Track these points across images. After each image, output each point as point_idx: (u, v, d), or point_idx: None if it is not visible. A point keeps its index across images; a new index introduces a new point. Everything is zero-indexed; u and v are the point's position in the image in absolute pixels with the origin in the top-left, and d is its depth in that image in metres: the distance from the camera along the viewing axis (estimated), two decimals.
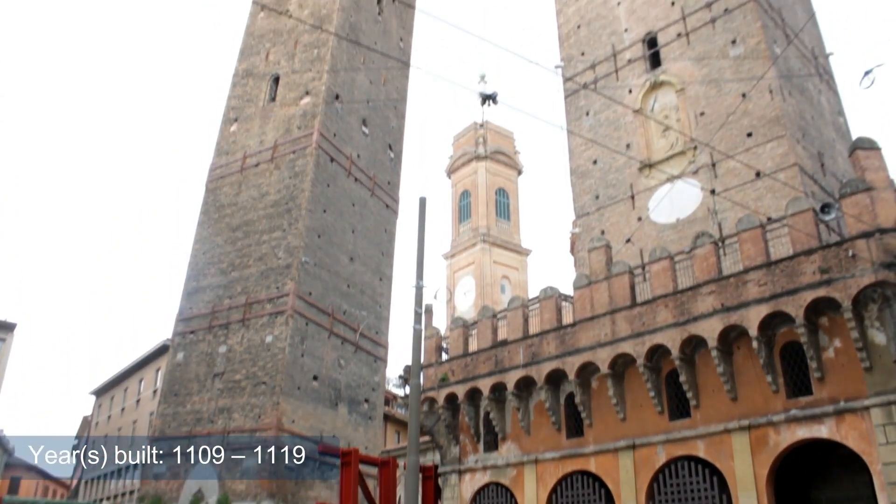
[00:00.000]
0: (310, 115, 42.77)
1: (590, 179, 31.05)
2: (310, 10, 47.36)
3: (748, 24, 28.22)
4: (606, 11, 34.20)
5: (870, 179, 17.55)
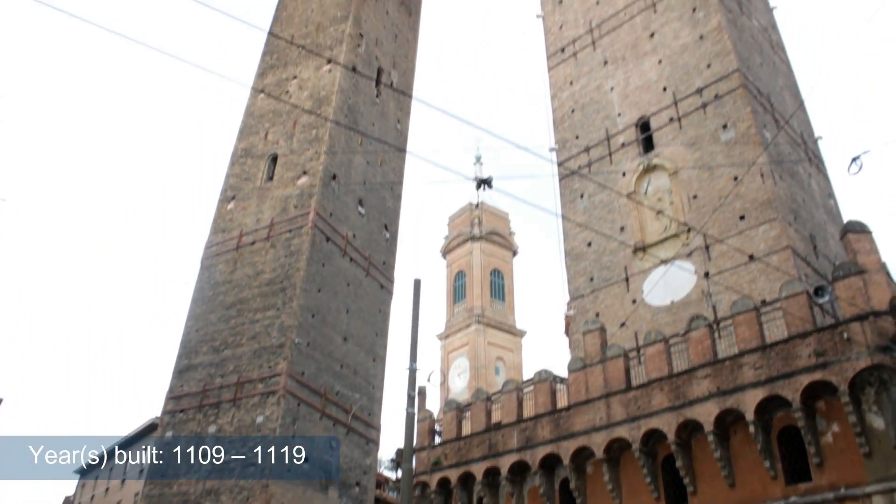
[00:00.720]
0: (307, 194, 43.09)
1: (584, 262, 31.14)
2: (309, 91, 48.21)
3: (738, 110, 28.78)
4: (600, 96, 34.89)
5: (862, 262, 17.64)
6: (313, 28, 52.40)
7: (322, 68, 48.66)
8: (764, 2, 39.67)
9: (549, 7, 40.70)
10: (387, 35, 55.30)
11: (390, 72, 54.27)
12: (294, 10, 55.21)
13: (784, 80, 35.41)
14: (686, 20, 33.17)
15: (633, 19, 35.63)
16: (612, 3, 37.26)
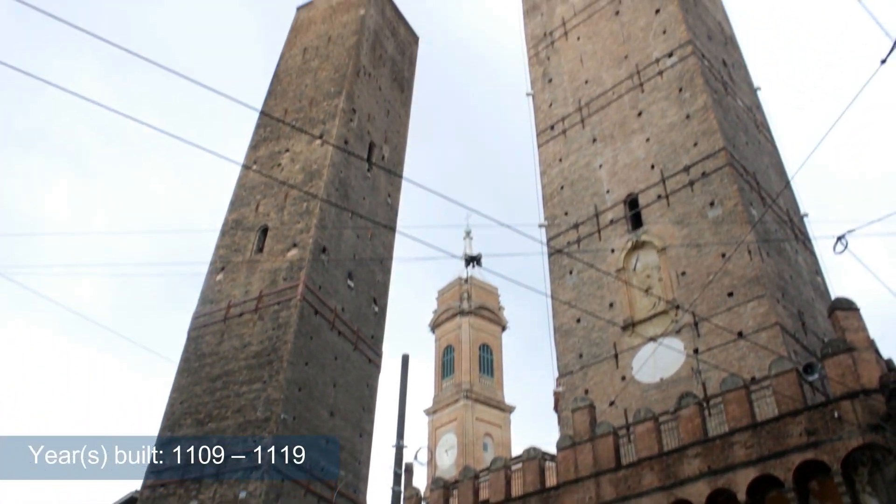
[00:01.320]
0: (296, 267, 43.08)
1: (573, 338, 31.04)
2: (301, 164, 48.65)
3: (725, 188, 29.15)
4: (589, 173, 35.32)
5: (850, 340, 17.63)
6: (307, 102, 53.16)
7: (314, 142, 49.20)
8: (748, 83, 40.58)
9: (539, 86, 41.52)
10: (379, 110, 56.15)
11: (382, 146, 54.93)
12: (288, 85, 56.09)
13: (769, 158, 35.98)
14: (673, 100, 33.84)
15: (620, 98, 36.34)
16: (601, 82, 38.06)
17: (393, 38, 62.70)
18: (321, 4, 62.53)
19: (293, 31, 62.07)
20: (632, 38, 38.07)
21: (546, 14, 44.76)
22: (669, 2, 37.37)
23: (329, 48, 56.78)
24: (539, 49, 43.36)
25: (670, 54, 35.47)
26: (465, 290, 76.22)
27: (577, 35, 41.42)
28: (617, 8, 40.13)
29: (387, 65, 59.88)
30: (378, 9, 61.18)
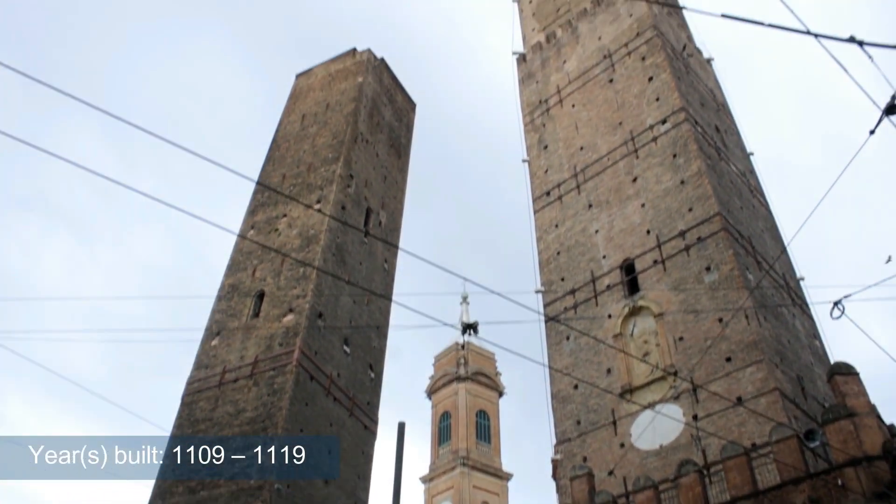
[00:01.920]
0: (292, 332, 42.84)
1: (571, 404, 30.73)
2: (298, 230, 48.81)
3: (721, 252, 29.23)
4: (585, 239, 35.44)
5: (851, 405, 17.47)
6: (305, 168, 53.57)
7: (312, 207, 49.40)
8: (741, 148, 41.06)
9: (535, 152, 41.95)
10: (376, 176, 56.59)
11: (379, 212, 55.20)
12: (287, 151, 56.61)
13: (764, 222, 36.19)
14: (667, 166, 34.16)
15: (616, 164, 36.68)
16: (596, 149, 38.46)
17: (390, 105, 63.57)
18: (320, 72, 63.56)
19: (292, 98, 62.94)
20: (626, 106, 38.62)
21: (541, 82, 45.49)
22: (662, 70, 38.04)
23: (327, 115, 57.50)
24: (535, 116, 43.94)
25: (664, 121, 35.94)
26: (462, 355, 75.80)
27: (573, 102, 42.03)
28: (611, 76, 40.81)
29: (384, 131, 60.59)
30: (376, 77, 62.16)
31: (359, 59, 62.10)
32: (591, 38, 44.21)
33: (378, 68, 63.19)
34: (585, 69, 42.88)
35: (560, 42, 46.55)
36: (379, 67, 63.41)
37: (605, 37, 43.34)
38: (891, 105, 10.16)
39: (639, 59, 39.91)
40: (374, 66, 62.46)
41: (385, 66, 64.67)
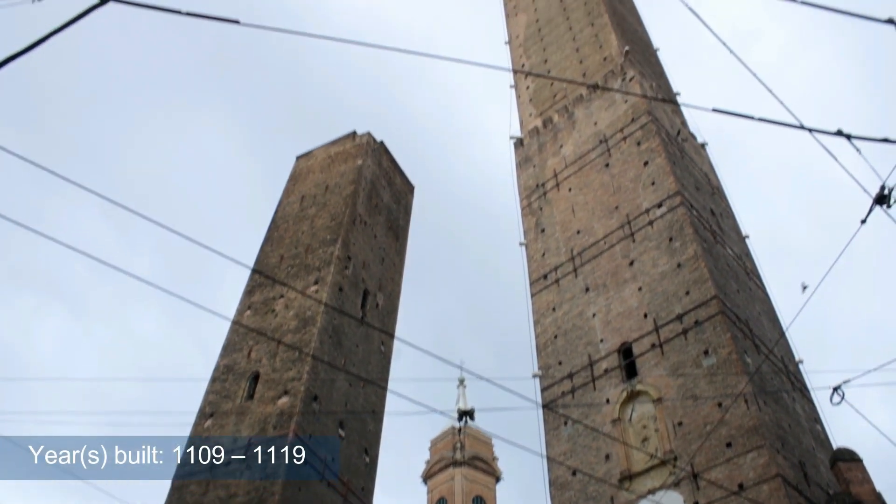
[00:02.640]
0: (286, 415, 42.31)
1: (569, 491, 30.16)
2: (295, 311, 48.71)
3: (718, 336, 29.13)
4: (582, 322, 35.37)
5: (856, 493, 17.20)
6: (303, 249, 53.78)
7: (309, 289, 49.43)
8: (737, 231, 41.34)
9: (532, 235, 42.22)
10: (374, 258, 56.80)
11: (376, 294, 55.20)
12: (285, 232, 56.94)
13: (761, 305, 36.17)
14: (664, 249, 34.34)
15: (612, 248, 36.88)
16: (593, 232, 38.73)
17: (389, 188, 64.25)
18: (320, 154, 64.44)
19: (292, 179, 63.65)
20: (622, 190, 39.06)
21: (538, 166, 46.11)
22: (657, 154, 38.61)
23: (326, 196, 58.05)
24: (532, 200, 44.39)
25: (660, 205, 36.29)
26: (459, 440, 74.79)
27: (569, 186, 42.51)
28: (607, 160, 41.39)
29: (382, 213, 61.07)
30: (375, 159, 62.99)
31: (359, 141, 63.06)
32: (588, 124, 45.01)
33: (377, 151, 64.10)
34: (582, 154, 43.52)
35: (557, 127, 47.37)
36: (378, 150, 64.33)
37: (600, 122, 44.13)
38: (880, 195, 10.30)
39: (634, 143, 40.56)
40: (374, 149, 63.37)
41: (384, 149, 65.62)
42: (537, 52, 56.78)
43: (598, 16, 53.30)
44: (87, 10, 8.36)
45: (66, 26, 8.71)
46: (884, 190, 10.28)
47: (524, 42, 59.36)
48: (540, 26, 58.89)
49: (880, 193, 10.31)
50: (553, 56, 54.64)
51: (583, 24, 54.18)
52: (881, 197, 10.32)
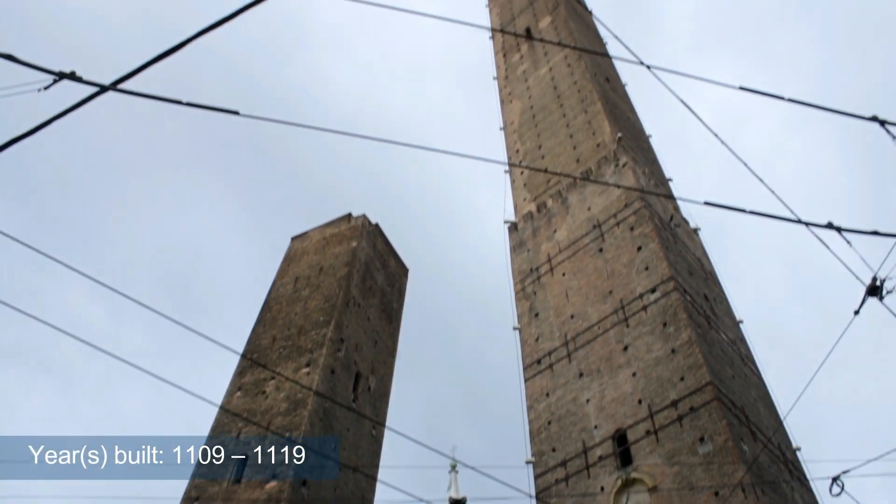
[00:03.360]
0: (275, 500, 41.41)
1: None
2: (286, 392, 48.12)
3: (714, 423, 28.79)
4: (576, 408, 34.99)
5: None
6: (296, 331, 53.52)
7: (301, 371, 49.03)
8: (731, 316, 41.30)
9: (526, 320, 42.13)
10: (367, 340, 56.48)
11: (368, 377, 54.71)
12: (278, 313, 56.74)
13: (756, 391, 35.88)
14: (658, 334, 34.23)
15: (606, 333, 36.76)
16: (586, 317, 38.66)
17: (383, 270, 64.36)
18: (315, 236, 64.74)
19: (286, 261, 63.78)
20: (615, 275, 39.16)
21: (532, 250, 46.33)
22: (650, 240, 38.84)
23: (320, 278, 58.07)
24: (526, 284, 44.45)
25: (653, 290, 36.33)
26: None
27: (563, 271, 42.63)
28: (600, 245, 41.62)
29: (376, 296, 61.01)
30: (370, 241, 63.27)
31: (354, 223, 63.45)
32: (581, 209, 45.43)
33: (372, 233, 64.44)
34: (576, 238, 43.79)
35: (551, 212, 47.78)
36: (373, 232, 64.69)
37: (594, 207, 44.54)
38: (873, 286, 10.34)
39: (627, 229, 40.85)
40: (369, 232, 63.72)
41: (379, 232, 65.99)
42: (532, 138, 57.72)
43: (591, 103, 54.37)
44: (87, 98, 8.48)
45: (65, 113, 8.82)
46: (875, 281, 10.32)
47: (519, 128, 60.39)
48: (534, 113, 60.02)
49: (872, 285, 10.35)
50: (547, 142, 55.53)
51: (576, 110, 55.23)
52: (873, 288, 10.36)
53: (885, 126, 9.42)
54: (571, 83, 58.31)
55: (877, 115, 9.56)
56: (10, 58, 8.09)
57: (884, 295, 10.25)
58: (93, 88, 8.63)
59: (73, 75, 8.31)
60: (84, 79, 8.34)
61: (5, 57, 8.06)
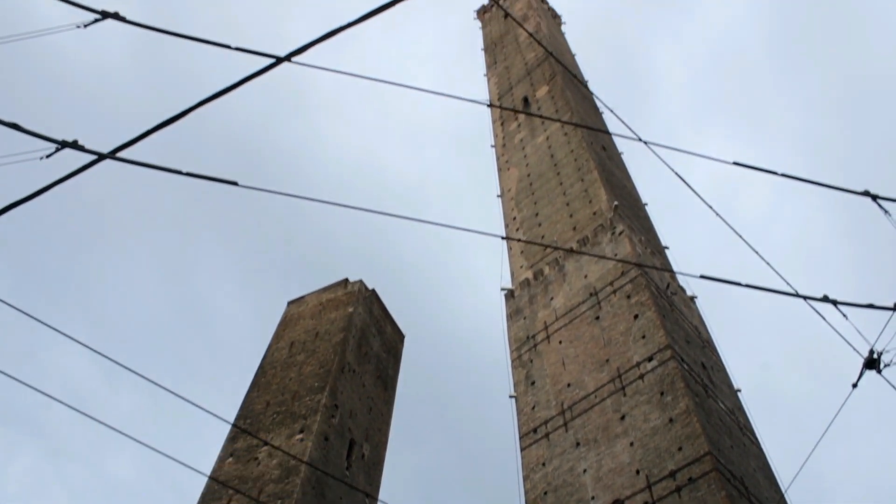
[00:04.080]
0: None
1: None
2: (278, 459, 47.54)
3: (713, 494, 28.36)
4: (573, 479, 34.49)
5: None
6: (290, 396, 53.15)
7: (294, 437, 48.51)
8: (728, 385, 41.03)
9: (522, 388, 41.81)
10: (362, 407, 56.00)
11: (363, 444, 54.06)
12: (273, 378, 56.41)
13: (756, 461, 35.43)
14: (655, 403, 33.94)
15: (603, 402, 36.45)
16: (583, 385, 38.38)
17: (379, 336, 64.13)
18: (311, 300, 64.70)
19: (282, 325, 63.63)
20: (612, 343, 39.01)
21: (528, 318, 46.23)
22: (647, 308, 38.80)
23: (316, 343, 57.87)
24: (522, 352, 44.24)
25: (650, 358, 36.16)
26: None
27: (560, 339, 42.47)
28: (597, 313, 41.56)
29: (372, 362, 60.69)
30: (366, 307, 63.20)
31: (350, 289, 63.48)
32: (578, 277, 45.49)
33: (369, 299, 64.40)
34: (572, 306, 43.74)
35: (547, 279, 47.82)
36: (370, 298, 64.65)
37: (591, 275, 44.60)
38: (870, 360, 10.32)
39: (624, 297, 40.85)
40: (366, 297, 63.69)
41: (376, 298, 65.95)
42: (529, 206, 58.12)
43: (587, 171, 54.90)
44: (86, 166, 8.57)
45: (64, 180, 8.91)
46: (873, 354, 10.31)
47: (516, 195, 60.86)
48: (531, 180, 60.56)
49: (870, 358, 10.33)
50: (544, 209, 55.90)
51: (573, 178, 55.74)
52: (871, 361, 10.34)
53: (878, 200, 9.54)
54: (568, 151, 59.00)
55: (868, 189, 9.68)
56: (16, 127, 8.21)
57: (881, 368, 10.24)
58: (93, 156, 8.74)
59: (75, 144, 8.42)
60: (85, 148, 8.44)
61: (11, 126, 8.18)
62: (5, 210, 9.19)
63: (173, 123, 9.16)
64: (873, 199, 9.56)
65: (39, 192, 9.06)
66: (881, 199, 9.50)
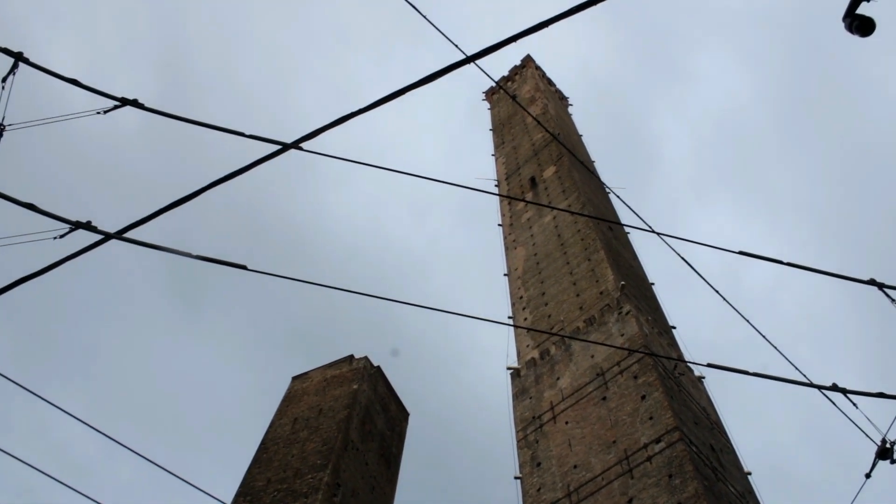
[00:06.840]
0: None
1: None
2: None
3: None
4: None
5: None
6: (291, 473, 52.43)
7: None
8: (738, 467, 40.30)
9: (528, 469, 41.16)
10: (364, 486, 55.11)
11: None
12: (275, 454, 55.70)
13: None
14: (663, 486, 33.32)
15: (610, 484, 35.80)
16: (590, 467, 37.77)
17: (384, 414, 63.49)
18: (316, 376, 64.29)
19: (285, 401, 63.11)
20: (619, 424, 38.53)
21: (535, 398, 45.80)
22: (654, 389, 38.43)
23: (319, 420, 57.31)
24: (528, 432, 43.69)
25: (658, 440, 35.65)
26: None
27: (566, 419, 41.99)
28: (604, 394, 41.16)
29: (375, 440, 59.95)
30: (371, 384, 62.74)
31: (355, 365, 63.14)
32: (584, 357, 45.22)
33: (374, 376, 63.99)
34: (579, 386, 43.37)
35: (554, 359, 47.55)
36: (375, 375, 64.24)
37: (597, 355, 44.34)
38: (883, 449, 10.18)
39: (631, 377, 40.51)
40: (370, 374, 63.30)
41: (381, 375, 65.53)
42: (535, 285, 58.19)
43: (594, 251, 55.08)
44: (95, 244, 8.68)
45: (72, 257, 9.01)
46: (885, 444, 10.17)
47: (523, 275, 60.99)
48: (538, 260, 60.76)
49: (882, 447, 10.19)
50: (551, 289, 55.92)
51: (580, 258, 55.90)
52: (884, 451, 10.20)
53: (884, 290, 9.56)
54: (575, 231, 59.35)
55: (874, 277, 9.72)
56: (32, 207, 8.37)
57: (895, 458, 10.08)
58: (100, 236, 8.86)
59: (88, 225, 8.57)
60: (98, 228, 8.57)
61: (27, 206, 8.34)
62: (15, 284, 9.28)
63: (183, 204, 9.32)
64: (879, 287, 9.57)
65: (48, 269, 9.15)
66: (888, 287, 9.52)
